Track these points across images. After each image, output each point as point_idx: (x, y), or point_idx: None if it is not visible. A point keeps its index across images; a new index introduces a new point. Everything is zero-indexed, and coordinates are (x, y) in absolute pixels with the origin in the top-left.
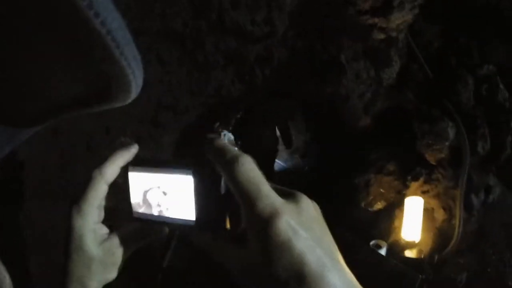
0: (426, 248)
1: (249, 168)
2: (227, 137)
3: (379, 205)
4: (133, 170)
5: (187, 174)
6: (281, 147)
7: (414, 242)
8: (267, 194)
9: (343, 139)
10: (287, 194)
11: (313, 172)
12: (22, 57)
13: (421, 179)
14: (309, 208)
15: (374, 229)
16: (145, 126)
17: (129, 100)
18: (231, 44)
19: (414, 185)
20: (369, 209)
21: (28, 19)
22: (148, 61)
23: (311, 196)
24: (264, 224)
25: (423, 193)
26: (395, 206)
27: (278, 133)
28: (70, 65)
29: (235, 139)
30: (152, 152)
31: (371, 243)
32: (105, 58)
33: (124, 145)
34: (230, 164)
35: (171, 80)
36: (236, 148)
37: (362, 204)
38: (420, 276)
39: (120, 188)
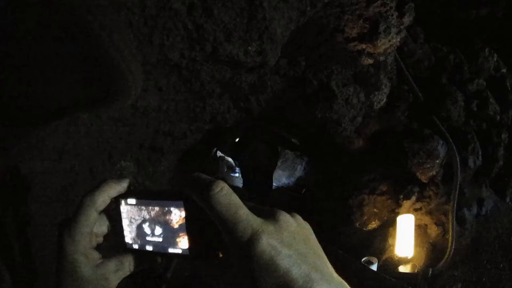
0: (420, 263)
1: (223, 193)
2: (225, 161)
3: (373, 224)
4: (125, 203)
5: (178, 206)
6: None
7: (407, 258)
8: (245, 217)
9: (336, 162)
10: (266, 213)
11: (308, 192)
12: (25, 60)
13: (413, 197)
14: (290, 224)
15: (369, 247)
16: (145, 151)
17: (129, 102)
18: (226, 73)
19: (406, 203)
20: (363, 228)
21: (30, 21)
22: (146, 90)
23: (306, 216)
24: (245, 247)
25: (416, 210)
26: (389, 224)
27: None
28: (70, 67)
29: (234, 162)
30: (150, 177)
31: (363, 259)
32: (105, 61)
33: (125, 169)
34: (205, 192)
35: (169, 108)
36: (211, 177)
37: (357, 224)
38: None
39: (111, 218)
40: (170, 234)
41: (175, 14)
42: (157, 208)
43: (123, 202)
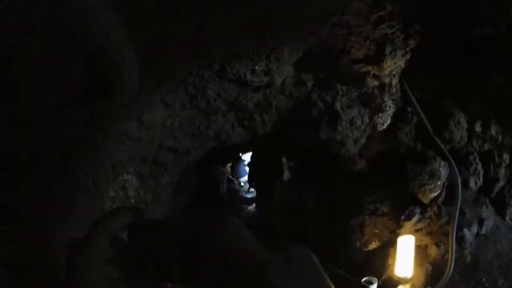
0: (419, 283)
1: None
2: (226, 171)
3: (373, 245)
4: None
5: None
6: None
7: (406, 277)
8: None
9: (338, 182)
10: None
11: (310, 213)
12: (22, 57)
13: (414, 219)
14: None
15: (369, 267)
16: (148, 165)
17: (126, 98)
18: (232, 92)
19: (407, 224)
20: (364, 249)
21: (31, 19)
22: (152, 104)
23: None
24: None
25: (417, 231)
26: (389, 245)
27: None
28: (67, 63)
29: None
30: (152, 191)
31: (363, 280)
32: (101, 56)
33: (127, 182)
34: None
35: (173, 123)
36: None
37: (357, 244)
38: None
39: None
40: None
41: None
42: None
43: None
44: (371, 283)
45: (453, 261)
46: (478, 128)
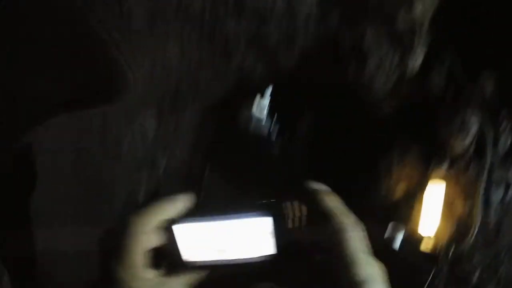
0: (442, 241)
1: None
2: (261, 104)
3: (400, 193)
4: (183, 221)
5: (260, 220)
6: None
7: (431, 235)
8: (363, 261)
9: (365, 126)
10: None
11: (332, 158)
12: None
13: (443, 170)
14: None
15: (395, 217)
16: (166, 104)
17: (127, 94)
18: (251, 27)
19: (435, 174)
20: (389, 197)
21: (27, 15)
22: (166, 44)
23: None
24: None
25: (444, 183)
26: (415, 195)
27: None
28: (69, 61)
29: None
30: (172, 135)
31: (390, 226)
32: (103, 54)
33: (143, 126)
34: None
35: (190, 64)
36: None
37: (382, 193)
38: (434, 267)
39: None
40: (248, 244)
41: None
42: (226, 221)
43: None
44: (398, 231)
45: (479, 221)
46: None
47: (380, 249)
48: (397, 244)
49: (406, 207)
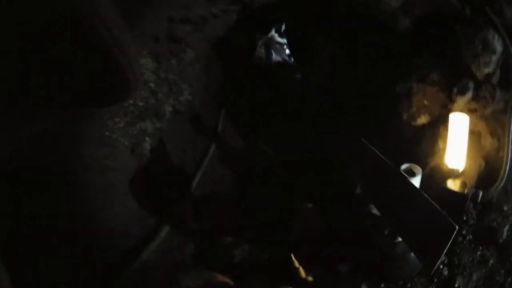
0: (470, 181)
1: None
2: (274, 38)
3: (422, 119)
4: None
5: None
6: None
7: (458, 171)
8: None
9: (382, 44)
10: None
11: (351, 79)
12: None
13: (468, 95)
14: None
15: (417, 146)
16: (163, 43)
17: (130, 97)
18: None
19: (460, 100)
20: (412, 123)
21: (31, 16)
22: None
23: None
24: None
25: (470, 111)
26: (440, 122)
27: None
28: (70, 62)
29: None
30: (175, 69)
31: (403, 167)
32: (104, 55)
33: (142, 66)
34: None
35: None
36: None
37: (405, 117)
38: (457, 226)
39: None
40: None
41: None
42: None
43: None
44: (413, 175)
45: (509, 162)
46: None
47: (397, 188)
48: (416, 180)
49: (431, 134)
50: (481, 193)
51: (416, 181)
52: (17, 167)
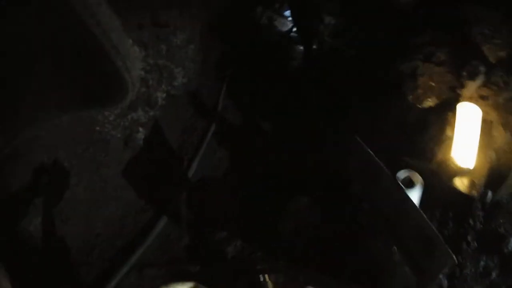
0: (480, 180)
1: None
2: (278, 20)
3: (429, 102)
4: None
5: None
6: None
7: (467, 169)
8: None
9: (385, 19)
10: None
11: (354, 55)
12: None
13: (478, 80)
14: None
15: (423, 131)
16: (148, 30)
17: (126, 100)
18: None
19: (470, 84)
20: (418, 105)
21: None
22: None
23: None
24: None
25: (481, 98)
26: (447, 106)
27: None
28: (66, 65)
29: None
30: (165, 55)
31: (401, 176)
32: (101, 58)
33: None
34: None
35: None
36: None
37: (409, 98)
38: (456, 261)
39: None
40: None
41: None
42: None
43: None
44: (412, 184)
45: None
46: None
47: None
48: (415, 193)
49: (438, 119)
50: (490, 194)
51: (415, 193)
52: None
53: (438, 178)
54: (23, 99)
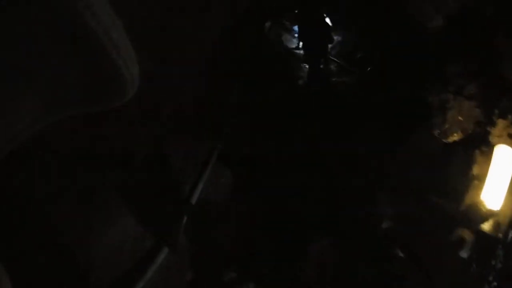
0: (505, 221)
1: None
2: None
3: (455, 136)
4: None
5: None
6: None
7: (495, 211)
8: None
9: (413, 43)
10: None
11: (376, 81)
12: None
13: (511, 117)
14: None
15: (448, 166)
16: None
17: (126, 99)
18: None
19: (500, 123)
20: (443, 139)
21: (27, 19)
22: None
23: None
24: None
25: (509, 137)
26: (474, 143)
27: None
28: (67, 64)
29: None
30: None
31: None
32: (102, 57)
33: None
34: None
35: None
36: None
37: (436, 133)
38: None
39: None
40: None
41: None
42: None
43: None
44: (463, 244)
45: None
46: None
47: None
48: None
49: (462, 155)
50: (511, 233)
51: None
52: None
53: (468, 221)
54: (23, 99)
